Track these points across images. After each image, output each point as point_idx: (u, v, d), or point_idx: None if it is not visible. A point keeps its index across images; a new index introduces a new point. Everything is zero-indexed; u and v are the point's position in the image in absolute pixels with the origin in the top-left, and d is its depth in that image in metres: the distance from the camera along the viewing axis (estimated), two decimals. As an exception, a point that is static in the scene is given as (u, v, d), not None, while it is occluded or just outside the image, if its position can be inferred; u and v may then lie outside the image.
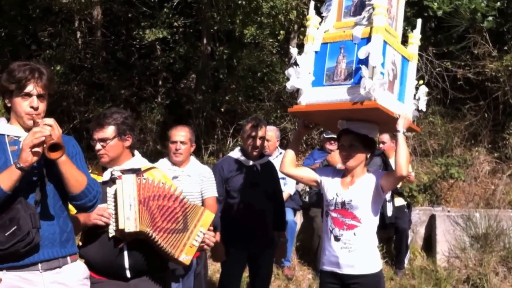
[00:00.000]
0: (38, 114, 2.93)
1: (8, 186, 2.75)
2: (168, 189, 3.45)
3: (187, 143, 4.77)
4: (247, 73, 9.66)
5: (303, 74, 3.58)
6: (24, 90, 2.89)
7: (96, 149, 3.50)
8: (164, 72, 10.73)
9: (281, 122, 9.84)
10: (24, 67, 2.92)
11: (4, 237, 2.77)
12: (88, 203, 3.02)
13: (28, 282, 2.88)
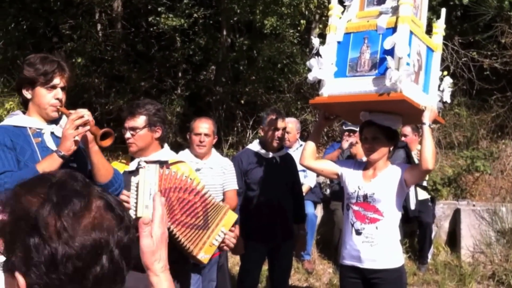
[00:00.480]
0: (61, 105, 3.03)
1: None
2: (190, 183, 3.43)
3: (211, 135, 4.73)
4: (267, 64, 9.61)
5: (325, 65, 3.52)
6: (51, 82, 2.97)
7: (125, 137, 3.53)
8: (183, 63, 10.73)
9: (302, 114, 9.78)
10: (48, 60, 3.00)
11: None
12: (114, 192, 3.09)
13: None
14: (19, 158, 2.92)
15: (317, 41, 3.63)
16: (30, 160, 2.91)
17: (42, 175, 1.22)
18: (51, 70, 2.97)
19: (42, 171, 2.76)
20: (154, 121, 3.53)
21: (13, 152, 2.92)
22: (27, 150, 2.96)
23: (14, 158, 2.91)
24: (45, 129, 3.04)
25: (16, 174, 2.81)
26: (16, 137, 2.97)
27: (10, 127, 3.01)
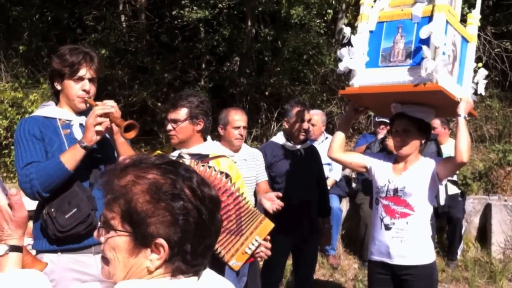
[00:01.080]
0: (89, 97, 3.04)
1: (73, 165, 2.85)
2: (224, 182, 3.36)
3: (246, 127, 4.68)
4: (292, 55, 9.52)
5: (357, 55, 3.46)
6: (77, 74, 2.99)
7: (167, 129, 3.52)
8: (207, 55, 10.70)
9: (327, 106, 9.69)
10: (76, 51, 3.02)
11: (65, 220, 2.86)
12: None
13: (82, 264, 2.95)
14: (47, 149, 2.95)
15: (348, 30, 3.56)
16: (58, 151, 2.94)
17: (142, 160, 1.44)
18: (77, 61, 2.99)
19: (65, 161, 2.83)
20: (196, 114, 3.50)
21: (41, 143, 2.95)
22: (55, 141, 2.98)
23: (42, 149, 2.95)
24: (74, 121, 3.07)
25: (41, 165, 2.86)
26: (46, 128, 3.00)
27: (40, 118, 3.05)
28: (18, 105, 10.41)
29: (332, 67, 9.25)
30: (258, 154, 4.78)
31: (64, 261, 2.94)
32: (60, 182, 2.87)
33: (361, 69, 3.48)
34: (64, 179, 2.87)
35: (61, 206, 2.90)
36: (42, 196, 2.89)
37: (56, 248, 2.95)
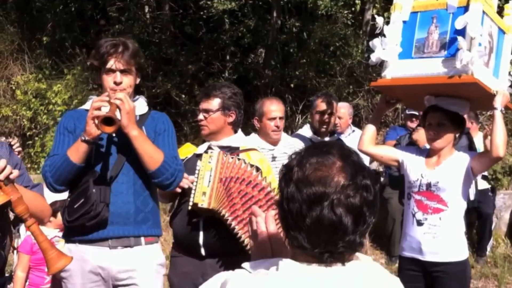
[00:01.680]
0: (123, 89, 2.94)
1: (76, 158, 2.81)
2: (255, 176, 3.32)
3: (283, 118, 4.47)
4: (318, 46, 9.46)
5: (390, 45, 3.41)
6: (106, 66, 2.93)
7: (198, 119, 3.51)
8: (232, 46, 10.68)
9: (354, 98, 9.62)
10: (108, 42, 2.96)
11: (73, 210, 2.87)
12: (165, 182, 2.97)
13: (95, 256, 2.94)
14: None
15: (381, 20, 3.52)
16: None
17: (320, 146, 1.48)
18: (105, 52, 2.92)
19: (70, 155, 2.82)
20: (228, 105, 3.48)
21: (71, 136, 2.94)
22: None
23: (71, 142, 2.92)
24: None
25: (55, 158, 2.89)
26: (80, 121, 2.96)
27: (81, 111, 3.07)
28: (42, 96, 10.53)
29: (359, 59, 9.18)
30: (299, 143, 4.59)
31: (80, 252, 2.94)
32: (70, 174, 2.86)
33: (394, 60, 3.43)
34: (73, 172, 2.85)
35: (74, 197, 2.91)
36: (55, 188, 2.91)
37: (73, 238, 2.97)
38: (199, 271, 3.41)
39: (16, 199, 2.30)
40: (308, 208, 1.37)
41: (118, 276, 2.95)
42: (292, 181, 1.41)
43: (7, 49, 10.88)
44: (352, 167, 1.41)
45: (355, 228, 1.38)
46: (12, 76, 10.80)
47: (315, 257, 1.41)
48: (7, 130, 10.70)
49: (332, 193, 1.37)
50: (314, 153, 1.44)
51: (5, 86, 10.67)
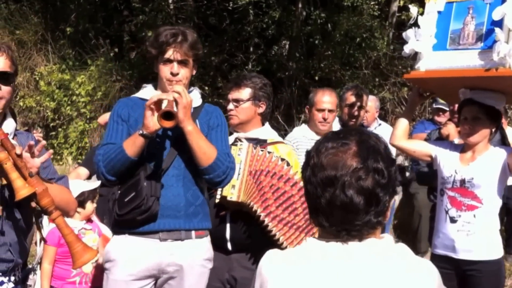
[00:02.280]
0: (179, 80, 2.90)
1: (132, 152, 2.77)
2: (286, 170, 3.29)
3: (335, 110, 4.41)
4: (343, 38, 9.39)
5: (424, 37, 3.33)
6: (164, 56, 2.89)
7: (227, 109, 3.48)
8: (256, 37, 10.63)
9: (379, 91, 9.52)
10: (167, 32, 2.90)
11: (123, 204, 2.83)
12: (217, 178, 2.92)
13: (144, 248, 2.90)
14: (131, 131, 2.90)
15: (415, 10, 3.44)
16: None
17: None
18: (165, 41, 2.87)
19: (126, 147, 2.78)
20: (259, 96, 3.46)
21: (125, 125, 2.93)
22: (140, 123, 2.87)
23: (125, 131, 2.92)
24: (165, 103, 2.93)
25: (109, 148, 2.85)
26: (134, 109, 2.95)
27: (135, 99, 3.04)
28: (66, 87, 10.59)
29: (385, 51, 9.07)
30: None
31: (129, 243, 2.91)
32: (123, 167, 2.82)
33: (428, 52, 3.34)
34: (126, 165, 2.81)
35: (125, 190, 2.87)
36: (106, 178, 2.87)
37: (123, 230, 2.93)
38: (226, 266, 3.39)
39: (41, 191, 2.28)
40: (322, 190, 1.51)
41: (166, 269, 2.92)
42: (309, 166, 1.56)
43: (31, 40, 10.95)
44: (365, 151, 1.51)
45: (368, 208, 1.49)
46: (35, 66, 10.88)
47: (334, 235, 1.54)
48: (30, 121, 10.80)
49: (343, 176, 1.48)
50: (332, 139, 1.56)
51: (28, 77, 10.75)
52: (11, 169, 2.21)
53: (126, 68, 9.98)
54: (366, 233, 1.53)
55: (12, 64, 2.48)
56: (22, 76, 10.52)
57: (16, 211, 2.45)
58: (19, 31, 10.79)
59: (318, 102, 4.35)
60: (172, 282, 2.97)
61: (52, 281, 4.05)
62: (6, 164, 2.21)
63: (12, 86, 2.49)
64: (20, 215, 2.47)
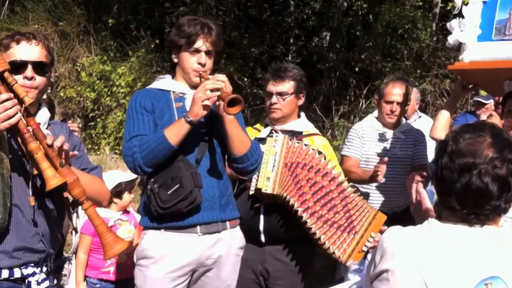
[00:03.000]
0: (205, 71, 2.93)
1: (176, 140, 2.77)
2: (324, 164, 3.27)
3: (403, 103, 4.35)
4: (385, 29, 9.27)
5: (468, 27, 3.29)
6: (193, 46, 2.90)
7: (271, 102, 3.46)
8: (296, 29, 10.60)
9: (421, 83, 9.39)
10: (194, 22, 2.92)
11: (167, 196, 2.80)
12: (250, 167, 2.98)
13: (184, 245, 2.90)
14: (157, 121, 2.90)
15: (459, 0, 3.38)
16: (167, 124, 2.87)
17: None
18: (194, 32, 2.89)
19: (169, 136, 2.75)
20: (300, 88, 3.48)
21: (151, 116, 2.91)
22: (166, 113, 2.92)
23: (151, 122, 2.90)
24: (188, 94, 2.98)
25: (145, 139, 2.81)
26: (158, 100, 2.95)
27: (154, 90, 3.01)
28: (106, 78, 10.74)
29: (428, 42, 8.94)
30: (420, 134, 4.45)
31: (166, 239, 2.90)
32: (164, 157, 2.80)
33: (473, 42, 3.31)
34: (167, 155, 2.80)
35: (164, 181, 2.83)
36: (144, 170, 2.83)
37: (159, 226, 2.91)
38: (259, 258, 3.40)
39: (72, 181, 2.27)
40: (459, 176, 1.67)
41: (205, 262, 2.94)
42: (446, 153, 1.71)
43: (73, 31, 11.14)
44: (500, 143, 1.68)
45: (500, 194, 1.66)
46: (77, 58, 11.06)
47: (462, 217, 1.70)
48: (70, 111, 10.97)
49: (480, 164, 1.65)
50: (468, 131, 1.72)
51: (70, 68, 10.94)
52: (42, 159, 2.21)
53: (166, 60, 10.05)
54: (491, 218, 1.71)
55: (48, 54, 2.48)
56: (64, 67, 10.73)
57: (48, 201, 2.46)
58: (62, 23, 10.99)
59: (387, 94, 4.31)
60: (210, 274, 2.99)
61: (87, 271, 4.07)
62: (37, 154, 2.21)
63: (47, 76, 2.49)
64: (52, 205, 2.48)
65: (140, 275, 2.94)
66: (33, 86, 2.38)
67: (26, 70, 2.36)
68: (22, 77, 2.35)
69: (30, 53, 2.39)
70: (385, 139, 4.33)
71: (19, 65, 2.36)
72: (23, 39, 2.40)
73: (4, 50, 2.41)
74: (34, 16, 10.94)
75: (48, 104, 4.51)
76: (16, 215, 2.35)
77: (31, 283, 2.39)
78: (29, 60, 2.38)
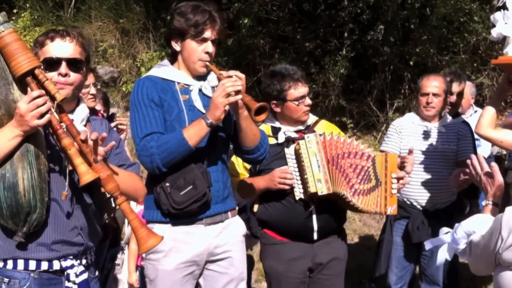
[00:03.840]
0: (211, 61, 2.93)
1: (196, 142, 2.79)
2: (357, 145, 3.35)
3: (441, 95, 4.34)
4: (441, 22, 9.10)
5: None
6: (202, 35, 2.86)
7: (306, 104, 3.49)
8: (350, 23, 10.53)
9: (477, 76, 9.18)
10: (199, 10, 2.87)
11: (180, 197, 2.82)
12: (260, 157, 3.07)
13: (192, 236, 2.97)
14: (166, 117, 2.89)
15: (504, -8, 3.34)
16: (177, 120, 2.88)
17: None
18: (203, 21, 2.84)
19: (188, 138, 2.76)
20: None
21: (160, 110, 2.88)
22: (174, 108, 2.91)
23: (161, 117, 2.87)
24: (193, 86, 2.97)
25: (163, 139, 2.80)
26: (164, 92, 2.91)
27: (158, 80, 2.95)
28: (163, 73, 10.98)
29: (485, 35, 8.72)
30: (463, 128, 4.45)
31: (174, 232, 2.95)
32: (182, 158, 2.81)
33: (517, 35, 3.26)
34: (185, 156, 2.80)
35: (176, 181, 2.83)
36: (161, 171, 2.82)
37: (168, 220, 2.95)
38: (310, 254, 3.49)
39: (106, 177, 2.28)
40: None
41: (214, 251, 3.01)
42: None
43: (134, 28, 11.44)
44: None
45: None
46: (137, 53, 11.36)
47: None
48: (132, 105, 11.30)
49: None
50: None
51: (131, 64, 11.24)
52: (75, 155, 2.23)
53: (221, 55, 10.21)
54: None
55: (82, 50, 2.48)
56: (125, 62, 11.04)
57: (87, 195, 2.50)
58: (123, 20, 11.30)
59: (422, 87, 4.34)
60: (222, 263, 3.05)
61: (139, 261, 4.18)
62: (70, 150, 2.23)
63: (82, 72, 2.50)
64: (91, 200, 2.52)
65: (152, 269, 2.99)
66: (67, 83, 2.42)
67: (60, 67, 2.40)
68: (57, 74, 2.40)
69: (64, 50, 2.42)
70: (424, 133, 4.33)
71: (53, 62, 2.40)
72: (57, 36, 2.43)
73: (40, 47, 2.44)
74: (96, 14, 11.30)
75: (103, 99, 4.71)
76: (55, 210, 2.43)
77: (70, 275, 2.46)
78: (63, 57, 2.40)
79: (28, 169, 2.27)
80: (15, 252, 2.39)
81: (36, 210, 2.30)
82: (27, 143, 2.28)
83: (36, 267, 2.41)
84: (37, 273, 2.42)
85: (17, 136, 2.24)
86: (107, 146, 2.45)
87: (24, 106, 2.17)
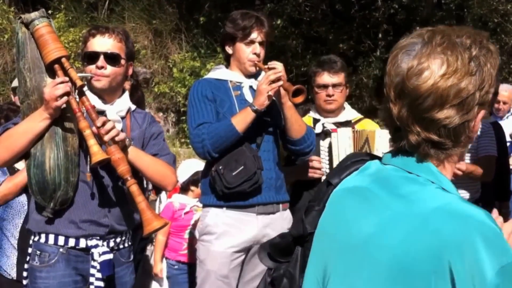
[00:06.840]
0: (259, 60, 3.22)
1: (243, 127, 3.05)
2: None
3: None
4: (477, 23, 9.07)
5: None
6: (249, 37, 3.18)
7: (328, 94, 3.60)
8: (384, 24, 10.56)
9: (515, 79, 9.12)
10: (248, 15, 3.21)
11: (232, 177, 3.06)
12: (306, 149, 3.26)
13: (244, 222, 3.18)
14: (218, 109, 3.18)
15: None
16: (228, 112, 3.16)
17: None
18: (249, 25, 3.16)
19: (236, 124, 3.03)
20: (347, 80, 3.69)
21: (213, 104, 3.18)
22: (226, 102, 3.20)
23: (214, 110, 3.16)
24: (244, 83, 3.27)
25: (213, 126, 3.08)
26: (217, 89, 3.22)
27: (212, 80, 3.28)
28: (196, 74, 11.12)
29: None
30: (484, 126, 4.31)
31: (228, 217, 3.17)
32: (230, 143, 3.05)
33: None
34: (234, 141, 3.05)
35: (228, 164, 3.07)
36: (212, 156, 3.08)
37: (222, 204, 3.17)
38: None
39: (117, 159, 2.50)
40: None
41: (262, 240, 3.12)
42: None
43: (166, 29, 11.65)
44: None
45: None
46: (169, 54, 11.56)
47: None
48: (164, 106, 11.48)
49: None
50: None
51: (163, 64, 11.43)
52: (89, 136, 2.48)
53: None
54: None
55: (123, 46, 2.76)
56: (157, 63, 11.25)
57: (122, 182, 2.69)
58: (156, 21, 11.53)
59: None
60: None
61: (167, 252, 4.36)
62: (86, 131, 2.48)
63: (120, 66, 2.74)
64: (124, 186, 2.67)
65: (203, 249, 3.22)
66: (103, 75, 2.69)
67: (98, 60, 2.67)
68: (95, 67, 2.68)
69: (103, 45, 2.70)
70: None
71: (92, 55, 2.70)
72: (98, 33, 2.74)
73: (84, 43, 2.77)
74: (130, 15, 11.56)
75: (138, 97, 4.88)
76: (84, 190, 2.68)
77: (94, 254, 2.68)
78: (101, 51, 2.68)
79: (55, 150, 2.55)
80: (46, 227, 2.66)
81: (61, 188, 2.56)
82: (55, 126, 2.56)
83: (64, 243, 2.66)
84: (65, 249, 2.67)
85: (45, 118, 2.52)
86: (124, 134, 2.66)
87: (47, 90, 2.45)
